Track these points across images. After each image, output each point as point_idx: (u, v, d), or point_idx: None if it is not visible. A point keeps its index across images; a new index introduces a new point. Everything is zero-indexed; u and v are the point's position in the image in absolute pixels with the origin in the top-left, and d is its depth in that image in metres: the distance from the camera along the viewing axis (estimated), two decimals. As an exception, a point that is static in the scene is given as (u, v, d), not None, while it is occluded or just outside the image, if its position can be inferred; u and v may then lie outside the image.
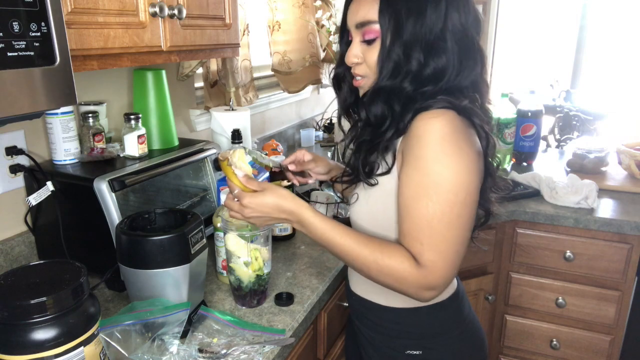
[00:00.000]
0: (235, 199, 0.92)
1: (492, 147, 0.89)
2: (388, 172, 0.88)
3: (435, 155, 0.80)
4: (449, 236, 0.81)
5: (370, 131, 0.90)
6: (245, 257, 1.02)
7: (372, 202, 0.93)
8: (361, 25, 0.88)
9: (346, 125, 1.02)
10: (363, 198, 0.95)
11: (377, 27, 0.85)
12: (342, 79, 0.99)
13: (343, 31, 0.96)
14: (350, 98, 0.99)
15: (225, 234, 1.04)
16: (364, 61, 0.90)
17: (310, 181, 1.16)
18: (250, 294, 1.05)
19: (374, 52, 0.87)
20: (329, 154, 2.26)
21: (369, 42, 0.88)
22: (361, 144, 0.91)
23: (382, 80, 0.86)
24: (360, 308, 1.04)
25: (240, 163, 0.94)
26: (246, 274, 1.03)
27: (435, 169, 0.80)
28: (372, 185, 0.91)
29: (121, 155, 1.23)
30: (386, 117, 0.87)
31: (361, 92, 0.95)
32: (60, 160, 1.17)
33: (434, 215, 0.80)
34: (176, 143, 1.38)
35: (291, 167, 1.12)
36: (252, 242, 1.02)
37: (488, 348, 1.06)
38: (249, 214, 0.90)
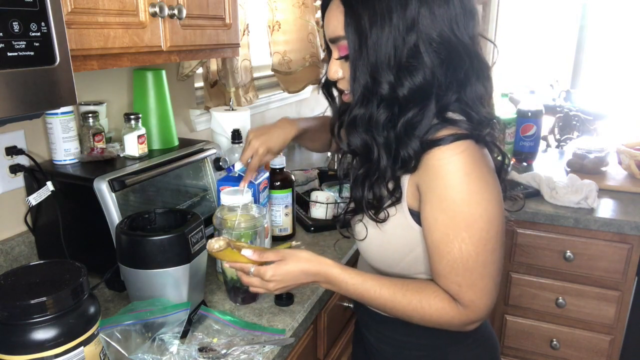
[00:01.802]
0: (254, 276, 0.88)
1: (506, 169, 0.85)
2: (396, 203, 0.82)
3: (462, 195, 0.75)
4: (485, 273, 0.78)
5: (363, 163, 0.83)
6: None
7: (384, 237, 0.87)
8: (332, 41, 0.81)
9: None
10: (373, 234, 0.88)
11: (344, 43, 0.77)
12: (331, 89, 0.95)
13: (327, 43, 0.88)
14: (344, 105, 0.93)
15: (220, 232, 1.05)
16: (344, 76, 0.83)
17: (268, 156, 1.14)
18: (234, 290, 1.07)
19: (347, 69, 0.80)
20: (329, 154, 2.25)
21: (345, 59, 0.80)
22: (357, 178, 0.85)
23: (355, 108, 0.78)
24: (369, 320, 1.00)
25: (241, 241, 0.92)
26: (229, 269, 1.04)
27: (464, 210, 0.75)
28: (382, 221, 0.84)
29: (121, 155, 1.23)
30: (370, 147, 0.80)
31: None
32: (60, 160, 1.17)
33: (469, 256, 0.76)
34: (176, 143, 1.38)
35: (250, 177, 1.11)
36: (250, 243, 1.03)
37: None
38: (275, 287, 0.87)
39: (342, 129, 0.87)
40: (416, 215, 0.82)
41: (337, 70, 0.83)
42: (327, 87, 0.95)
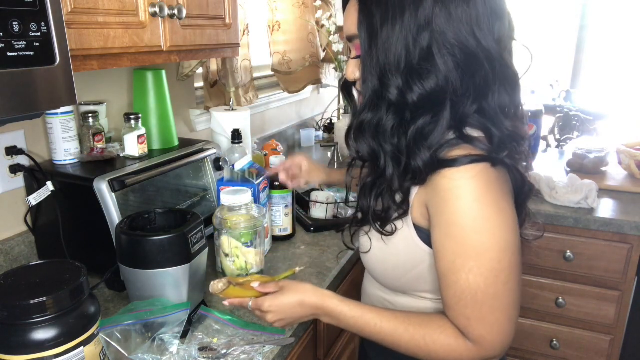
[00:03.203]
0: (252, 309, 0.87)
1: (527, 194, 0.78)
2: (403, 216, 0.77)
3: (472, 222, 0.69)
4: (497, 306, 0.71)
5: (371, 171, 0.79)
6: (227, 251, 1.05)
7: (388, 251, 0.83)
8: (349, 39, 0.76)
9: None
10: (377, 247, 0.84)
11: (359, 42, 0.73)
12: (352, 85, 0.88)
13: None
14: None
15: (219, 232, 1.06)
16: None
17: (303, 183, 1.15)
18: None
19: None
20: (329, 154, 2.26)
21: (357, 58, 0.76)
22: (365, 186, 0.80)
23: (363, 112, 0.74)
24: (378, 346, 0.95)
25: (253, 276, 0.93)
26: (229, 268, 1.06)
27: (474, 238, 0.69)
28: (388, 234, 0.80)
29: (121, 155, 1.23)
30: (377, 155, 0.75)
31: None
32: (60, 160, 1.17)
33: (478, 288, 0.70)
34: (176, 143, 1.38)
35: (282, 176, 1.10)
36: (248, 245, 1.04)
37: None
38: (273, 318, 0.85)
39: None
40: (423, 233, 0.78)
41: (354, 70, 0.78)
42: (347, 87, 0.89)
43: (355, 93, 0.88)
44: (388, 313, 0.79)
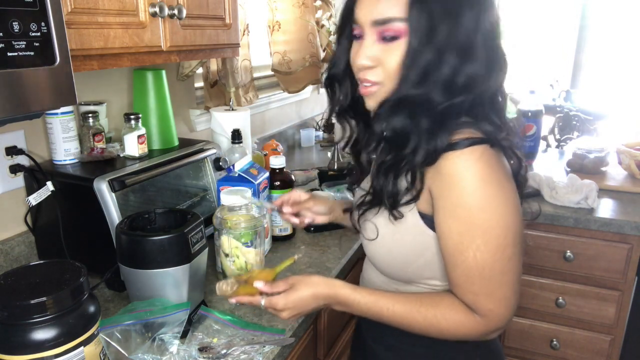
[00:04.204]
0: (266, 308, 0.88)
1: (524, 175, 0.82)
2: (415, 199, 0.78)
3: (478, 201, 0.72)
4: (504, 281, 0.75)
5: (390, 150, 0.79)
6: (227, 251, 1.05)
7: (395, 238, 0.83)
8: (382, 22, 0.74)
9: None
10: (384, 234, 0.84)
11: (401, 25, 0.72)
12: (340, 82, 0.88)
13: (344, 27, 0.83)
14: (345, 101, 0.89)
15: (219, 232, 1.06)
16: (380, 64, 0.77)
17: (307, 221, 1.08)
18: None
19: (395, 55, 0.75)
20: (329, 154, 2.26)
21: (390, 42, 0.75)
22: (382, 165, 0.80)
23: (407, 89, 0.74)
24: (376, 331, 0.95)
25: (254, 271, 0.93)
26: (229, 268, 1.06)
27: (480, 216, 0.72)
28: (398, 218, 0.80)
29: (121, 155, 1.23)
30: (408, 133, 0.75)
31: (370, 102, 0.82)
32: (60, 160, 1.17)
33: (485, 264, 0.74)
34: (176, 143, 1.38)
35: (286, 210, 1.03)
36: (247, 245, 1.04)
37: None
38: (288, 314, 0.87)
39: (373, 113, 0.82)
40: (426, 219, 0.80)
41: (373, 55, 0.76)
42: (333, 80, 0.88)
43: (340, 88, 0.88)
44: (400, 296, 0.82)
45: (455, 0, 0.72)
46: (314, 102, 2.72)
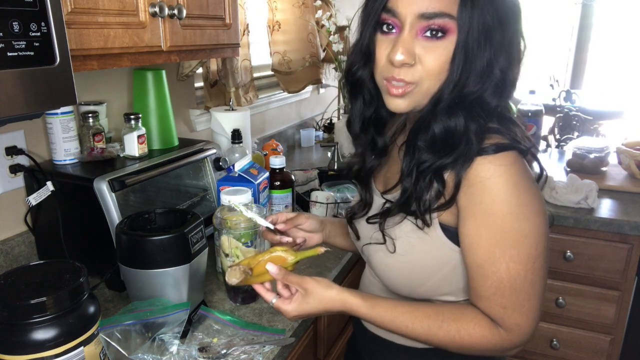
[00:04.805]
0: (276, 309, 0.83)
1: (544, 183, 0.78)
2: (445, 207, 0.74)
3: (511, 210, 0.69)
4: (532, 292, 0.71)
5: (430, 152, 0.74)
6: (227, 251, 1.05)
7: (418, 249, 0.78)
8: (431, 16, 0.68)
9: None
10: (408, 245, 0.79)
11: (450, 22, 0.68)
12: (363, 84, 0.80)
13: (368, 18, 0.74)
14: (368, 110, 0.82)
15: (219, 232, 1.06)
16: (419, 62, 0.71)
17: (299, 241, 0.98)
18: (234, 290, 1.07)
19: (438, 53, 0.70)
20: (329, 154, 2.26)
21: (433, 39, 0.70)
22: (419, 167, 0.74)
23: (467, 87, 0.71)
24: (375, 347, 0.92)
25: (275, 249, 0.86)
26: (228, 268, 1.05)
27: (514, 225, 0.69)
28: (428, 225, 0.76)
29: (121, 155, 1.23)
30: (454, 133, 0.72)
31: (401, 104, 0.75)
32: (60, 160, 1.17)
33: (517, 275, 0.70)
34: (176, 143, 1.38)
35: (280, 227, 0.94)
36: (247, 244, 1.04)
37: None
38: (296, 319, 0.86)
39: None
40: (448, 231, 0.76)
41: (413, 52, 0.71)
42: (357, 83, 0.81)
43: (362, 93, 0.82)
44: (419, 312, 0.77)
45: (504, 2, 0.71)
46: (314, 102, 2.72)
